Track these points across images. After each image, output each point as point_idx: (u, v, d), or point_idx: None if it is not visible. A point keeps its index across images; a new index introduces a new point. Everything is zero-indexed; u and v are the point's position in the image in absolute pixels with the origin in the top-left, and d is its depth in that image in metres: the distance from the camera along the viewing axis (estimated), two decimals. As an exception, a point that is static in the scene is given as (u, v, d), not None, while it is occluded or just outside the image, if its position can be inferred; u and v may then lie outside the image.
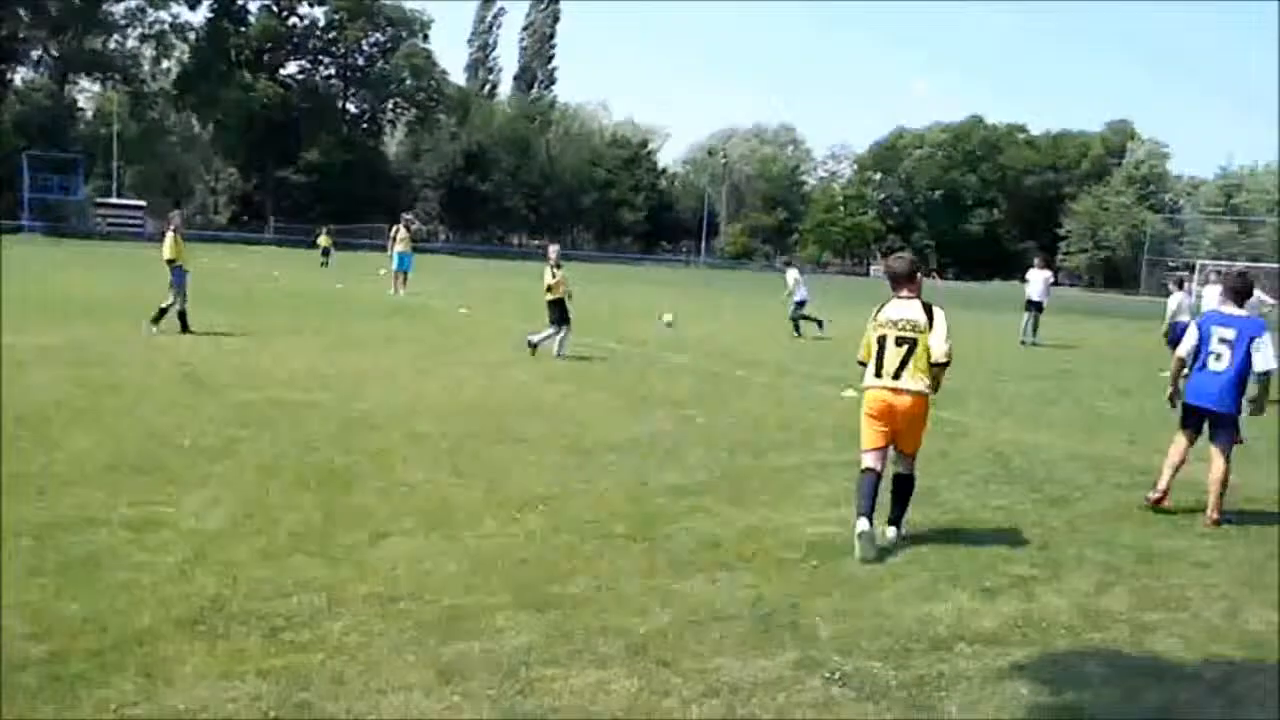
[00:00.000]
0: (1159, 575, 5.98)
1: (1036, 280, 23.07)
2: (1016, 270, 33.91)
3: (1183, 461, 7.38)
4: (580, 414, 10.31)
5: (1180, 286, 19.64)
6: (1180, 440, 7.43)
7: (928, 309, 6.27)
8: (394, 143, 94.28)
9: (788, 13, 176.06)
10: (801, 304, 20.88)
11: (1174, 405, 7.52)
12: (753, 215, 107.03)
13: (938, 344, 6.19)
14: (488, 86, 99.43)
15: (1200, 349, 7.26)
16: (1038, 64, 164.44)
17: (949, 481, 7.91)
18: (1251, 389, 7.18)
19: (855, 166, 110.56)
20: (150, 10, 75.47)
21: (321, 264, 39.82)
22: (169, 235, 15.61)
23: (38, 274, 25.59)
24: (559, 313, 14.91)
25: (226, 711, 3.75)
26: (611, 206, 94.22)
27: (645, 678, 4.19)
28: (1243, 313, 7.33)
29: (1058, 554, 6.30)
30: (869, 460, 6.29)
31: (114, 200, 68.53)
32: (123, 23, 75.28)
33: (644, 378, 13.25)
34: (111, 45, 75.47)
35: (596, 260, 74.91)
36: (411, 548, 5.66)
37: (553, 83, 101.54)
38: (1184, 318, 18.40)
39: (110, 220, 64.23)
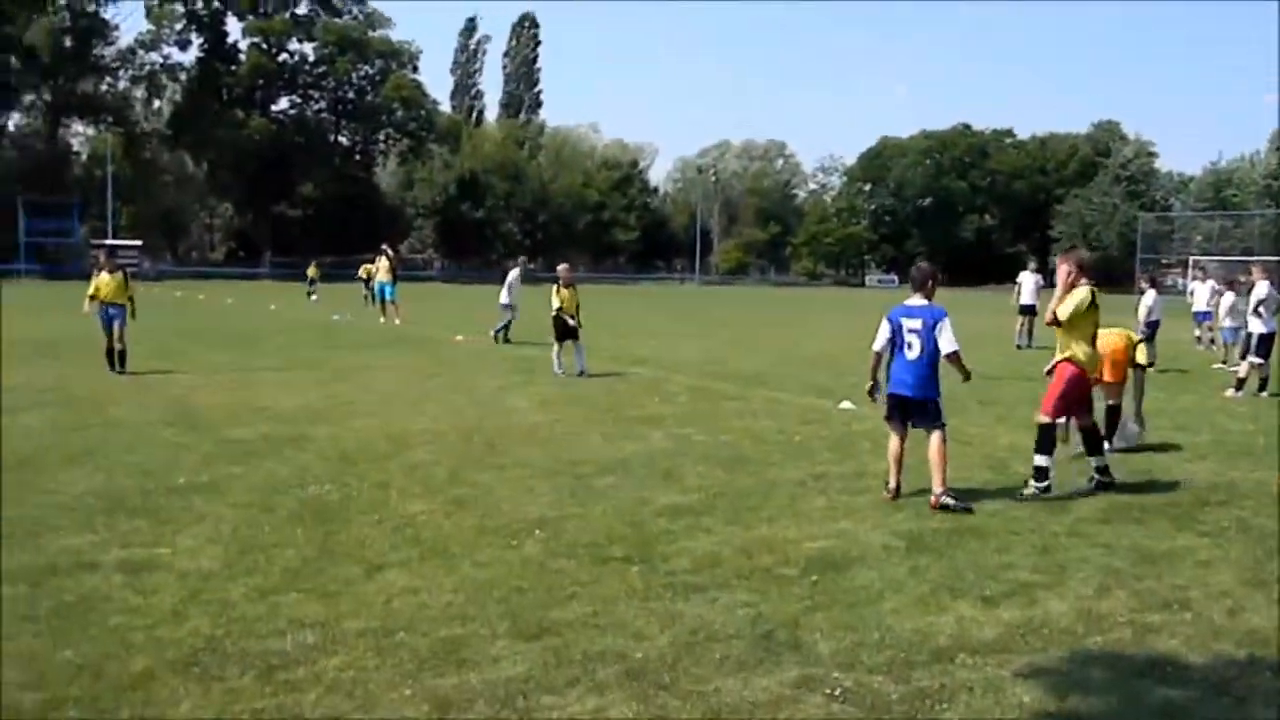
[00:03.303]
0: (1160, 576, 5.94)
1: (1029, 284, 23.05)
2: (1010, 274, 33.94)
3: (902, 453, 7.71)
4: (577, 437, 10.28)
5: (1154, 284, 19.55)
6: (893, 435, 7.78)
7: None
8: (386, 173, 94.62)
9: (767, 20, 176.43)
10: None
11: (874, 398, 7.95)
12: (746, 231, 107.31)
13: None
14: (475, 114, 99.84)
15: (895, 341, 7.71)
16: (1022, 65, 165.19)
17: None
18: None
19: (845, 178, 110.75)
20: (141, 52, 76.17)
21: (308, 294, 40.22)
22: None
23: (29, 315, 25.55)
24: (559, 330, 15.73)
25: (221, 754, 3.71)
26: (605, 227, 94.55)
27: (644, 702, 4.15)
28: (924, 302, 7.75)
29: (1059, 558, 6.26)
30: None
31: (110, 241, 68.65)
32: (114, 65, 75.90)
33: (641, 398, 13.22)
34: (103, 88, 76.00)
35: (592, 281, 74.90)
36: (407, 579, 5.62)
37: (539, 106, 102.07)
38: (1157, 317, 18.39)
39: (107, 260, 64.13)
